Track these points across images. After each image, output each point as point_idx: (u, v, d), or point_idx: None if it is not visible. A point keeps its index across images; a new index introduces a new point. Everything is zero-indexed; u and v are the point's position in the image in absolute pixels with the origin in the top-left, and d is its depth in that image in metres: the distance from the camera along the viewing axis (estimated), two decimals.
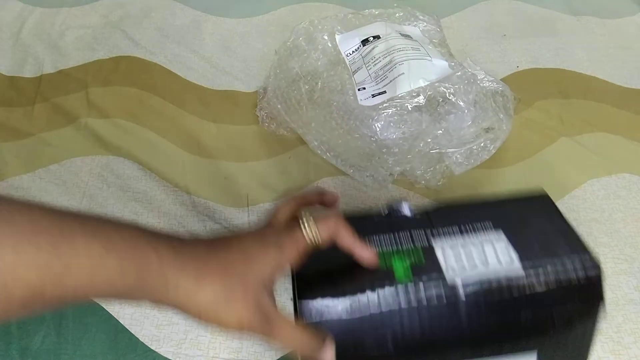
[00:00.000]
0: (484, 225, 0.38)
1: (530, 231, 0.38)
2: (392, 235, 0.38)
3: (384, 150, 0.58)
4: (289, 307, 0.40)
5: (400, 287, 0.35)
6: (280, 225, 0.36)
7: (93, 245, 0.27)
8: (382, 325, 0.34)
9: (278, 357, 0.50)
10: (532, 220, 0.39)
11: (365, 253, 0.36)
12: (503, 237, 0.37)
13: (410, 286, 0.35)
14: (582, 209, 0.61)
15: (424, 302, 0.34)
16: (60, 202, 0.61)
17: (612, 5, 0.93)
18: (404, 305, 0.34)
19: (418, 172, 0.61)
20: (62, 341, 0.51)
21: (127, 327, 0.52)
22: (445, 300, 0.35)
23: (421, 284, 0.35)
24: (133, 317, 0.52)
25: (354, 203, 0.61)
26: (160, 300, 0.30)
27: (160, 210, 0.61)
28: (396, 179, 0.63)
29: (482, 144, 0.61)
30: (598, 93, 0.76)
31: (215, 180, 0.64)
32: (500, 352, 0.37)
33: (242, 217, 0.60)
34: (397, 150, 0.58)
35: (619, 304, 0.53)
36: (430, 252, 0.37)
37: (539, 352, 0.38)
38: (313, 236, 0.34)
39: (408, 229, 0.38)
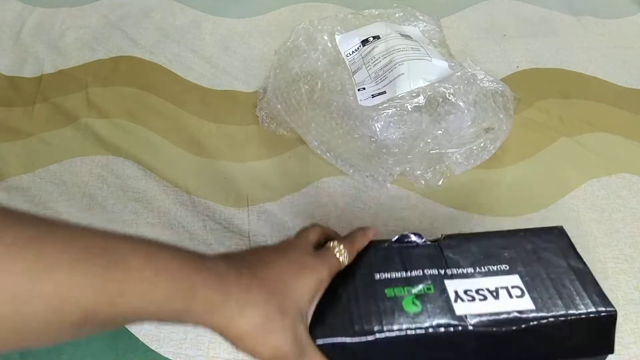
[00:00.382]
0: (500, 268, 0.38)
1: (544, 271, 0.38)
2: (405, 271, 0.38)
3: (384, 150, 0.58)
4: None
5: (407, 315, 0.35)
6: (308, 247, 0.38)
7: (145, 269, 0.28)
8: (386, 349, 0.34)
9: None
10: (548, 259, 0.39)
11: (370, 235, 0.41)
12: (517, 278, 0.37)
13: (418, 314, 0.35)
14: (582, 209, 0.61)
15: (431, 330, 0.34)
16: (60, 202, 0.61)
17: (612, 5, 0.93)
18: (410, 332, 0.34)
19: (418, 172, 0.61)
20: None
21: (127, 327, 0.52)
22: (452, 329, 0.35)
23: (428, 313, 0.35)
24: None
25: (354, 203, 0.61)
26: (204, 323, 0.31)
27: (160, 210, 0.61)
28: (396, 179, 0.63)
29: (482, 144, 0.61)
30: (598, 93, 0.76)
31: (215, 180, 0.64)
32: None
33: (242, 217, 0.60)
34: (397, 150, 0.58)
35: (619, 304, 0.53)
36: (441, 287, 0.37)
37: None
38: (345, 259, 0.37)
39: (421, 267, 0.38)
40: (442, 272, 0.38)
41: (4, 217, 0.24)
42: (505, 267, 0.38)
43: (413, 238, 0.41)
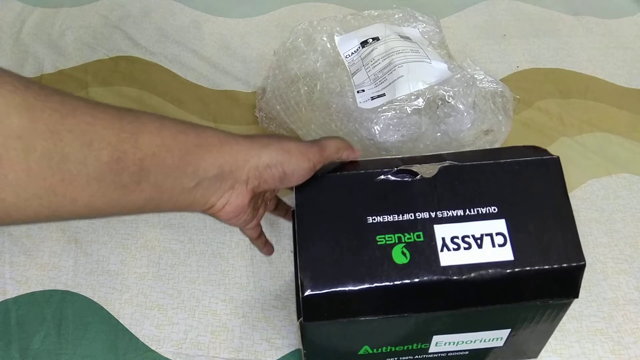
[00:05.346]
0: (488, 210, 0.40)
1: (530, 214, 0.40)
2: (396, 214, 0.40)
3: (383, 152, 0.58)
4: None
5: (395, 266, 0.38)
6: None
7: (152, 117, 0.32)
8: (376, 297, 0.38)
9: (278, 357, 0.50)
10: (536, 200, 0.41)
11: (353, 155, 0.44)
12: (503, 223, 0.40)
13: (405, 266, 0.38)
14: (582, 209, 0.61)
15: (416, 280, 0.38)
16: None
17: (612, 5, 0.92)
18: (397, 283, 0.38)
19: None
20: (62, 341, 0.51)
21: (127, 327, 0.52)
22: (435, 278, 0.38)
23: (415, 265, 0.38)
24: (133, 317, 0.53)
25: None
26: (230, 156, 0.35)
27: None
28: None
29: (481, 147, 0.61)
30: (598, 93, 0.76)
31: None
32: (479, 328, 0.43)
33: None
34: (396, 152, 0.58)
35: (619, 304, 0.53)
36: (430, 233, 0.39)
37: (511, 330, 0.43)
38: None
39: (413, 210, 0.40)
40: (433, 214, 0.40)
41: (27, 80, 0.28)
42: (494, 210, 0.40)
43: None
